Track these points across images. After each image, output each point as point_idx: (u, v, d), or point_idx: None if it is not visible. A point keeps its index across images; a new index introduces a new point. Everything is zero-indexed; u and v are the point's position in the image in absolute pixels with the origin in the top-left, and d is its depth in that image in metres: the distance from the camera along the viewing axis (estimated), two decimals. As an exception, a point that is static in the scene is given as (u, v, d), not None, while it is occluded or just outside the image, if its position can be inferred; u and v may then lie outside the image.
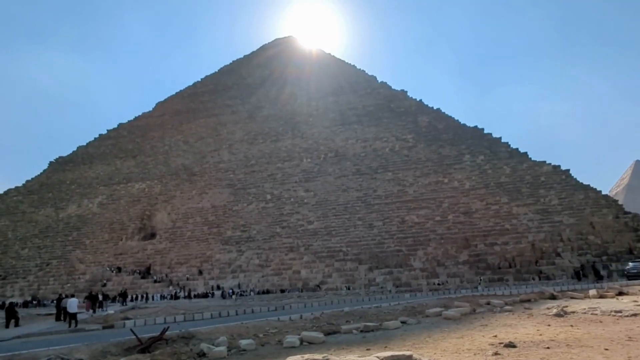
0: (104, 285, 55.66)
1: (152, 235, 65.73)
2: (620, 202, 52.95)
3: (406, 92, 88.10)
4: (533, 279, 42.41)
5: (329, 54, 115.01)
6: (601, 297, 24.15)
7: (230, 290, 47.07)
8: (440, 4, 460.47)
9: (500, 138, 66.22)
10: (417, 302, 27.61)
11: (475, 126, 70.79)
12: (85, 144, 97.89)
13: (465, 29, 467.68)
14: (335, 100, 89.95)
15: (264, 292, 47.57)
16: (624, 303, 19.11)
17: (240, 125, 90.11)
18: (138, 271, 57.90)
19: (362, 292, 44.26)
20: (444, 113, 77.12)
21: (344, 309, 24.92)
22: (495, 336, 12.95)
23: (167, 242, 61.87)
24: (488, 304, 23.10)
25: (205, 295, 47.56)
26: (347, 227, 56.31)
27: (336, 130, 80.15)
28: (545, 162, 57.99)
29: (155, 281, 55.07)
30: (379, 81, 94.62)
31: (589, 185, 52.63)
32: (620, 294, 25.48)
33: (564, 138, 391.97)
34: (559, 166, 56.72)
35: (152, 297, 48.22)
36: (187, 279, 54.21)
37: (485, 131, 68.95)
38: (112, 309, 34.92)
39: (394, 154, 68.75)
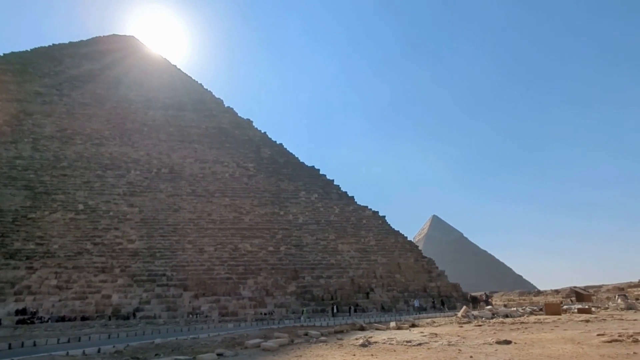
0: None
1: None
2: (420, 248, 64.22)
3: (252, 121, 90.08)
4: (349, 310, 46.84)
5: (175, 66, 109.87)
6: (399, 328, 28.24)
7: None
8: (302, 50, 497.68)
9: (333, 180, 73.23)
10: (238, 332, 27.39)
11: (313, 166, 76.78)
12: None
13: (322, 79, 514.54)
14: (176, 115, 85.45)
15: (59, 319, 39.41)
16: (414, 334, 22.92)
17: (53, 120, 76.32)
18: None
19: (182, 321, 41.19)
20: (286, 149, 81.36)
21: (155, 340, 23.11)
22: (307, 366, 13.88)
23: None
24: (306, 334, 24.38)
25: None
26: (174, 249, 52.31)
27: (174, 146, 75.61)
28: (367, 207, 66.52)
29: None
30: (226, 105, 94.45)
31: (398, 231, 62.50)
32: (413, 325, 30.29)
33: (384, 188, 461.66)
34: (378, 212, 65.81)
35: None
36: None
37: (321, 172, 75.43)
38: None
39: (233, 180, 68.38)
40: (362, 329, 28.47)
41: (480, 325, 27.43)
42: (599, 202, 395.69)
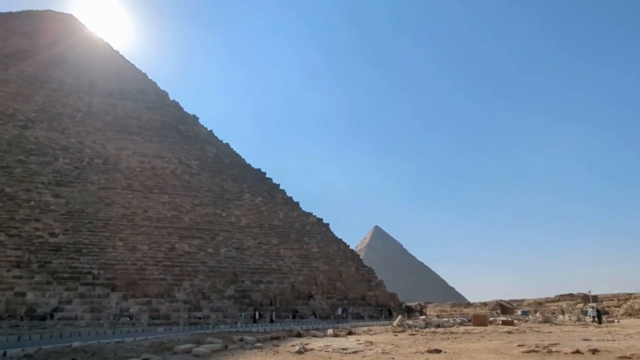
0: None
1: None
2: (361, 257, 65.95)
3: (198, 118, 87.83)
4: (287, 317, 47.08)
5: (117, 52, 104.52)
6: (336, 336, 28.94)
7: None
8: (259, 52, 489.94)
9: (278, 185, 73.21)
10: (168, 337, 26.49)
11: (259, 169, 76.31)
12: None
13: (278, 82, 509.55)
14: (115, 104, 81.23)
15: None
16: (350, 342, 23.61)
17: (-31, 95, 69.70)
18: None
19: (106, 324, 39.15)
20: (232, 149, 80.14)
21: (73, 343, 21.56)
22: (239, 374, 13.94)
23: None
24: (241, 340, 24.24)
25: None
26: (103, 246, 49.58)
27: (110, 136, 71.77)
28: (312, 213, 67.26)
29: None
30: (171, 99, 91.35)
31: (341, 239, 63.81)
32: (350, 333, 31.14)
33: (330, 197, 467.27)
34: (322, 219, 66.77)
35: None
36: None
37: (267, 176, 75.10)
38: None
39: (174, 177, 66.19)
40: (299, 335, 28.72)
41: (413, 335, 28.78)
42: (526, 223, 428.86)
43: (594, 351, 16.61)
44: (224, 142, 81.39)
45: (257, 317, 44.42)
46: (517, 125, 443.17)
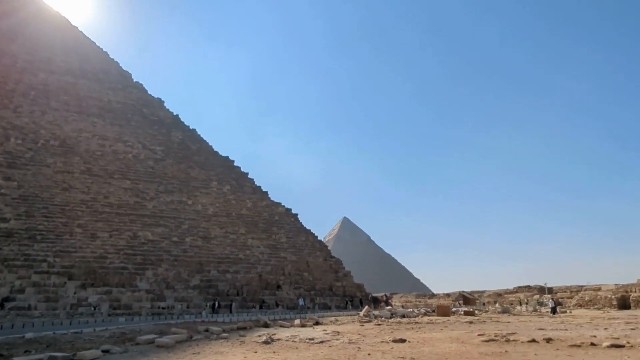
0: None
1: None
2: (329, 248, 66.85)
3: (163, 102, 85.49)
4: (254, 307, 47.33)
5: (76, 27, 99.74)
6: (303, 326, 29.45)
7: None
8: (232, 36, 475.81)
9: (247, 173, 72.68)
10: (130, 327, 26.04)
11: (227, 157, 75.41)
12: None
13: (250, 70, 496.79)
14: (74, 83, 77.82)
15: None
16: (317, 332, 24.11)
17: None
18: None
19: (63, 314, 38.15)
20: (199, 135, 78.71)
21: (26, 334, 20.96)
22: (204, 365, 13.84)
23: None
24: (207, 330, 24.17)
25: None
26: (60, 233, 47.92)
27: (68, 117, 68.87)
28: (280, 203, 67.34)
29: None
30: (135, 80, 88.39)
31: (310, 230, 64.35)
32: (317, 323, 31.75)
33: (300, 188, 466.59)
34: (291, 209, 67.04)
35: None
36: None
37: (235, 164, 74.39)
38: None
39: (137, 162, 64.47)
40: (266, 325, 28.95)
41: (379, 325, 29.66)
42: (488, 218, 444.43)
43: (549, 340, 17.76)
44: (191, 127, 79.84)
45: (217, 306, 44.15)
46: (496, 110, 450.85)
